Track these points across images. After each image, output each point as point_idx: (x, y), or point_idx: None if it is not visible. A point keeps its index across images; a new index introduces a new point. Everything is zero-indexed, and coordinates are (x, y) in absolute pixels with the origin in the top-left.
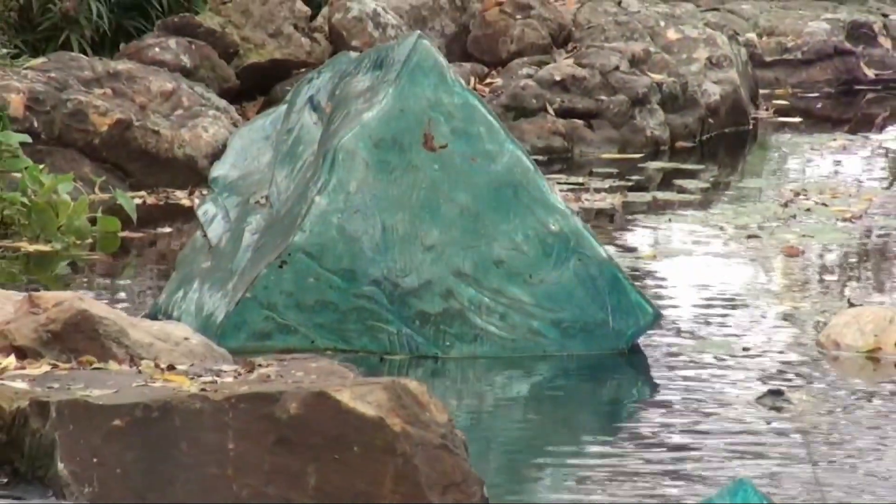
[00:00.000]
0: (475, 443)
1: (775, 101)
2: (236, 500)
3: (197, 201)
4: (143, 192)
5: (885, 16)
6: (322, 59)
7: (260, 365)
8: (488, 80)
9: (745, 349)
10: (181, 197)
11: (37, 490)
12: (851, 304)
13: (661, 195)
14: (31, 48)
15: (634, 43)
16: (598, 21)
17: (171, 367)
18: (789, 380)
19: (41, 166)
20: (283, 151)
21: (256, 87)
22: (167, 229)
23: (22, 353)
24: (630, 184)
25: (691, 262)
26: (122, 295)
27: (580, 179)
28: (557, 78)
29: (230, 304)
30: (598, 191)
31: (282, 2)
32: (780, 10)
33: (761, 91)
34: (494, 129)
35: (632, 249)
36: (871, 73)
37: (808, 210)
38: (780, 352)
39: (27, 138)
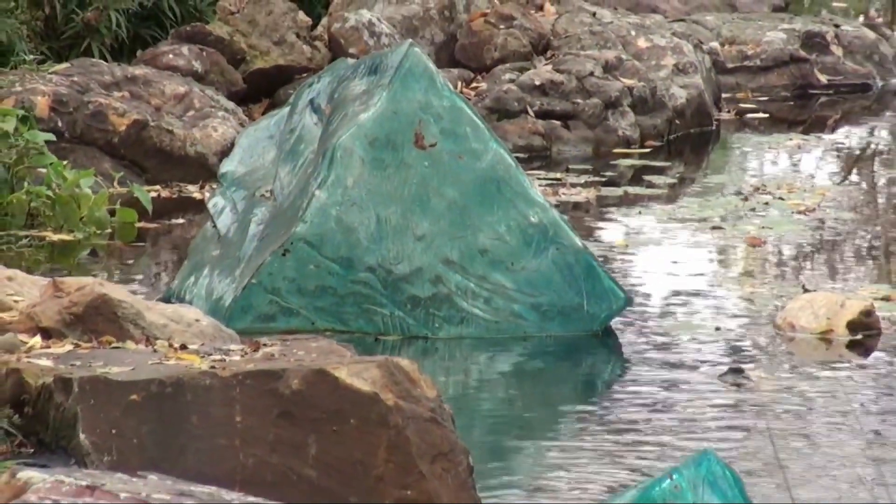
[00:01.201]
0: (462, 416)
1: (742, 105)
2: (243, 468)
3: (207, 195)
4: (157, 186)
5: (837, 26)
6: (322, 65)
7: (265, 344)
8: (474, 85)
9: (717, 328)
10: (193, 191)
11: (60, 459)
12: (806, 290)
13: (631, 190)
14: (56, 54)
15: (608, 51)
16: (574, 31)
17: (183, 347)
18: (749, 359)
19: (65, 162)
20: (286, 149)
21: (262, 90)
22: (180, 220)
23: (47, 334)
24: (603, 179)
25: (660, 251)
26: (139, 280)
27: (558, 175)
28: (537, 83)
29: (237, 289)
30: (574, 186)
31: (285, 13)
32: (741, 21)
33: (723, 95)
34: (479, 130)
35: (605, 239)
36: (823, 78)
37: (767, 203)
38: (741, 333)
39: (52, 137)
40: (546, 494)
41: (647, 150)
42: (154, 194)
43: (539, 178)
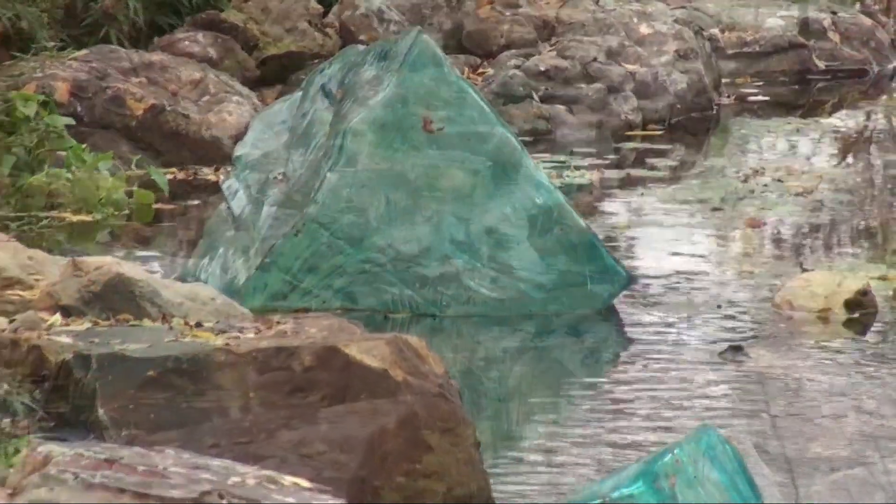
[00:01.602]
0: (468, 391)
1: (742, 90)
2: (256, 442)
3: (222, 177)
4: (174, 169)
5: (835, 13)
6: (333, 51)
7: (277, 322)
8: (480, 71)
9: (718, 307)
10: (208, 173)
11: (79, 432)
12: (804, 270)
13: (634, 172)
14: (75, 41)
15: (610, 37)
16: (578, 18)
17: (198, 324)
18: (748, 336)
19: (84, 146)
20: (299, 133)
21: (275, 76)
22: (195, 202)
23: (66, 312)
24: (606, 162)
25: (661, 231)
26: (156, 260)
27: (562, 158)
28: (542, 68)
29: (251, 268)
30: (577, 168)
31: (297, 0)
32: (741, 8)
33: (724, 80)
34: (486, 114)
35: (608, 220)
36: (821, 64)
37: (766, 186)
38: (741, 311)
39: (71, 121)
40: (549, 469)
41: (660, 132)
42: (170, 177)
43: (544, 161)
